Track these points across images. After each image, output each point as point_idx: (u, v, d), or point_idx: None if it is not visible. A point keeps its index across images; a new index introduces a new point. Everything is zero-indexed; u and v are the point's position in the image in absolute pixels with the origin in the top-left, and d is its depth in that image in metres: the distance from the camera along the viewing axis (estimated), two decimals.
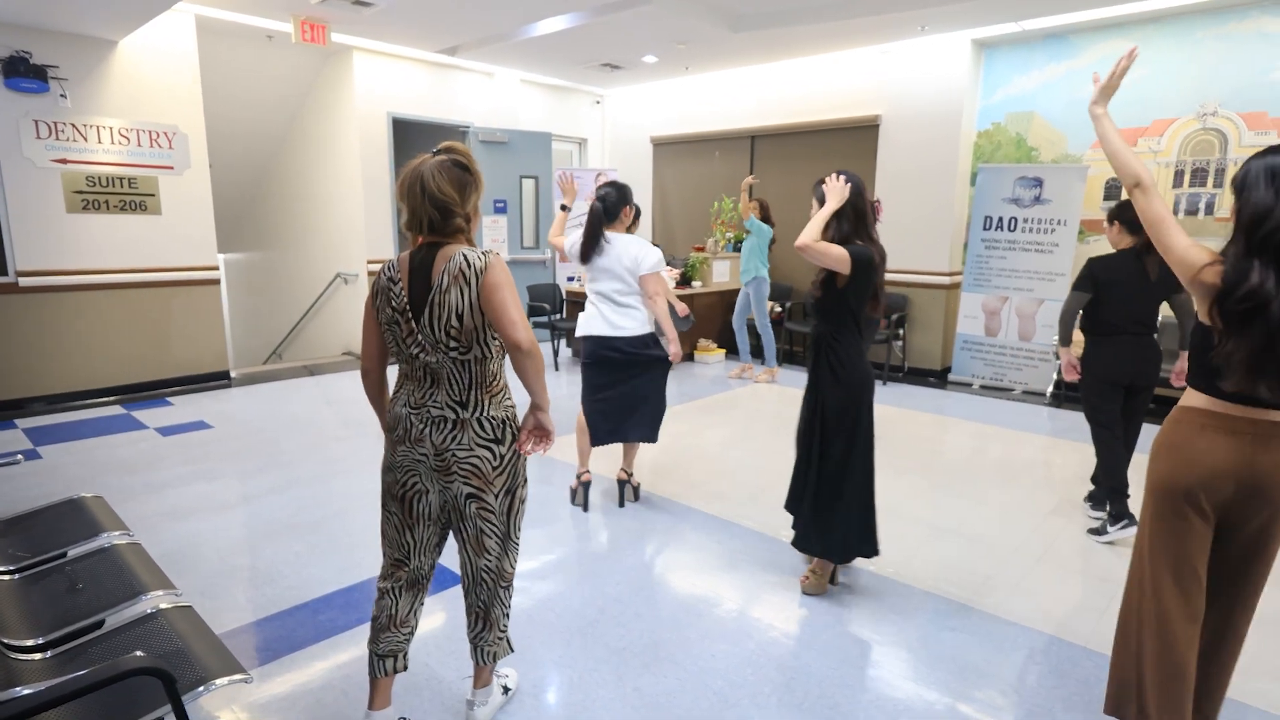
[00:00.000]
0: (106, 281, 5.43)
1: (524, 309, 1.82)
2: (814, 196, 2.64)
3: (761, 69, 7.53)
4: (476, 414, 1.77)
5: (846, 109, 6.93)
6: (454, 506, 1.83)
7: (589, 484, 3.58)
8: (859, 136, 6.92)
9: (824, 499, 2.69)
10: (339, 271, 7.38)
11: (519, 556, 2.00)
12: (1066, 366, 3.38)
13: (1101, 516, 3.42)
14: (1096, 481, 3.53)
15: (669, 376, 3.57)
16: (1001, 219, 6.16)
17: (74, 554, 2.24)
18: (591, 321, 3.41)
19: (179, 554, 3.02)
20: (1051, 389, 5.96)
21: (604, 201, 3.32)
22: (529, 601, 2.68)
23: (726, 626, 2.55)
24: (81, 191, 5.24)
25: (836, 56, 6.94)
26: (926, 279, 6.58)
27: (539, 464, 4.16)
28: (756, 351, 6.67)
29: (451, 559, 2.84)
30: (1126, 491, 3.26)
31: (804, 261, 2.77)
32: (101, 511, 2.50)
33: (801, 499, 2.77)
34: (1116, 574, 2.96)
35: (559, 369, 6.91)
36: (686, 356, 7.07)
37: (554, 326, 6.90)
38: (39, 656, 1.78)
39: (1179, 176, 5.50)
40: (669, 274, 6.55)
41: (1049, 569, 3.02)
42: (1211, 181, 5.38)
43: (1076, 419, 4.99)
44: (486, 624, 1.94)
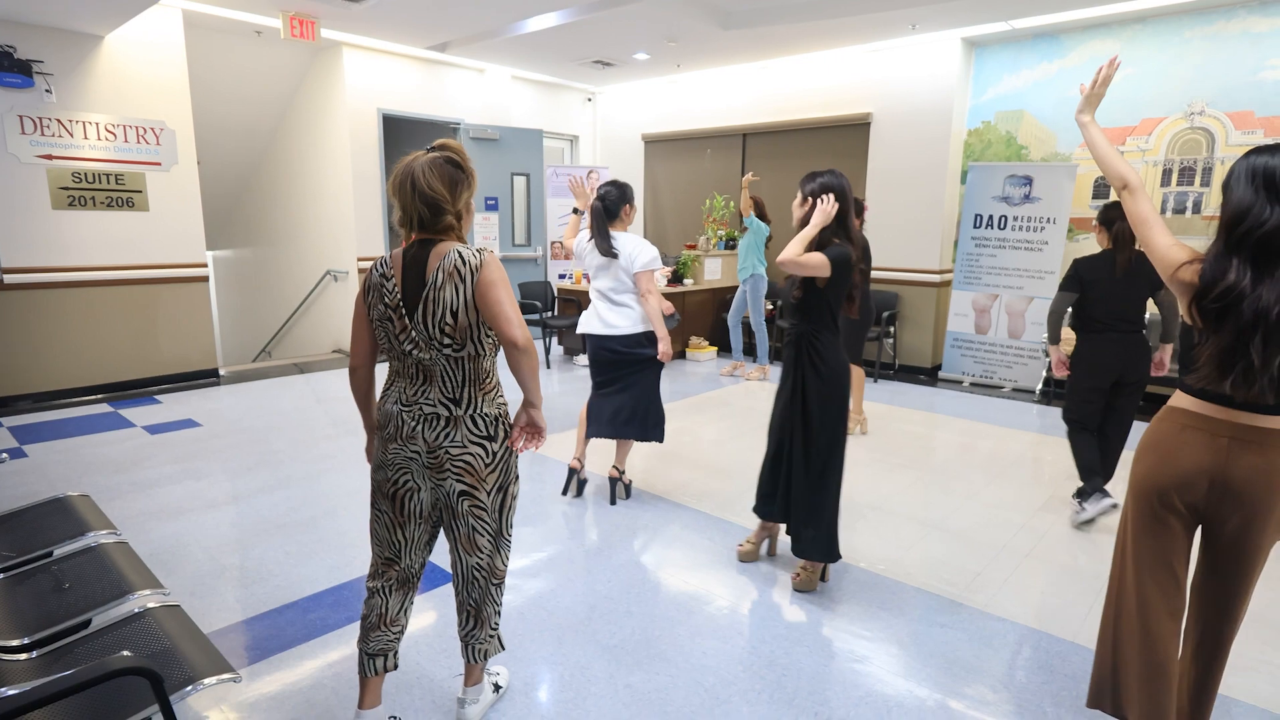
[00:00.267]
0: (93, 279, 5.38)
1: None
2: (802, 191, 2.65)
3: (753, 67, 7.53)
4: (469, 411, 1.77)
5: (838, 107, 6.95)
6: (446, 504, 1.82)
7: (574, 471, 3.63)
8: (850, 135, 6.93)
9: (815, 497, 2.71)
10: (329, 269, 7.34)
11: (510, 554, 2.00)
12: (1057, 364, 3.47)
13: (1092, 514, 3.46)
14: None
15: (661, 375, 3.59)
16: (991, 217, 6.19)
17: (60, 553, 2.22)
18: (589, 320, 3.47)
19: (167, 553, 3.00)
20: (1040, 386, 6.00)
21: (604, 200, 3.37)
22: (520, 599, 2.67)
23: (718, 623, 2.56)
24: (67, 188, 5.19)
25: (828, 55, 6.95)
26: (917, 277, 6.61)
27: (530, 461, 4.15)
28: (749, 349, 6.67)
29: (442, 557, 2.84)
30: (1098, 472, 3.40)
31: None
32: (88, 510, 2.48)
33: (774, 498, 2.79)
34: (1103, 570, 2.98)
35: (550, 366, 6.90)
36: (678, 354, 7.08)
37: (545, 324, 6.89)
38: (24, 657, 1.76)
39: (1166, 175, 5.54)
40: (661, 272, 6.55)
41: (1037, 565, 3.04)
42: (1199, 180, 5.43)
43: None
44: (478, 622, 1.94)
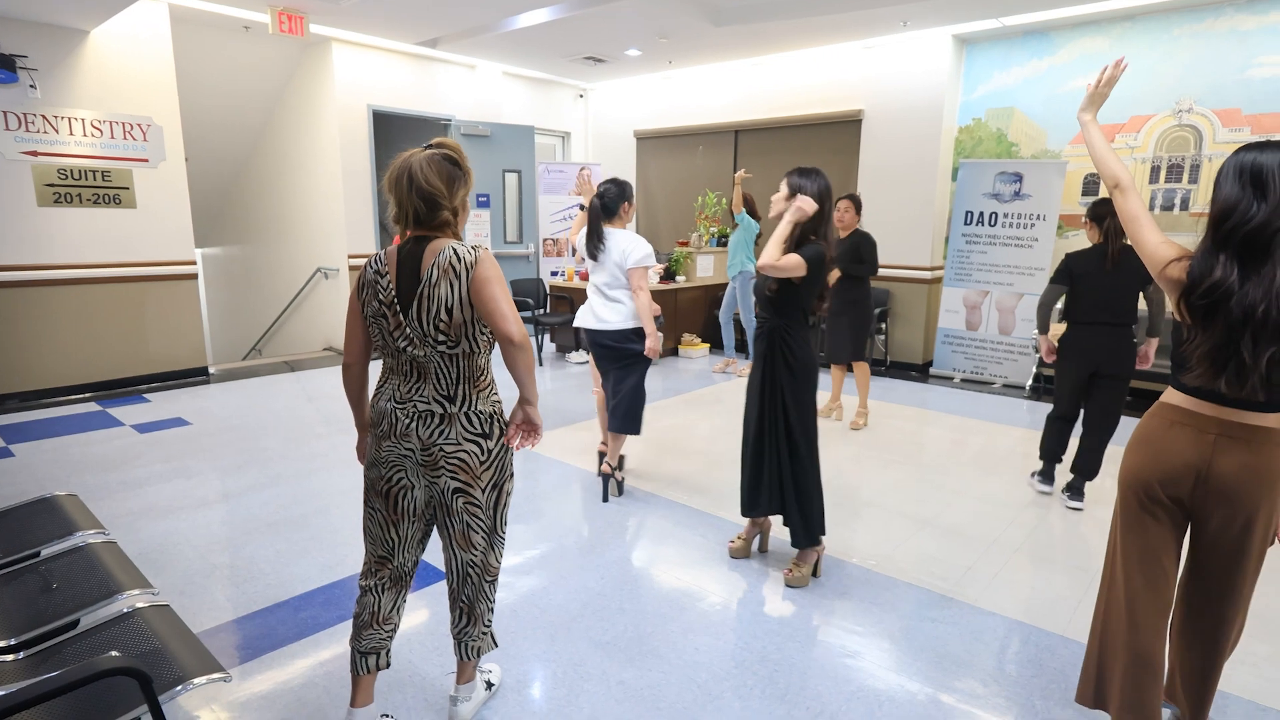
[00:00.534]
0: (80, 276, 5.34)
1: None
2: (789, 186, 2.66)
3: (745, 63, 7.53)
4: (464, 408, 1.77)
5: (830, 104, 6.96)
6: (440, 502, 1.82)
7: (603, 455, 3.66)
8: (842, 131, 6.95)
9: (802, 485, 2.76)
10: (319, 266, 7.30)
11: (504, 551, 2.00)
12: (1046, 351, 3.58)
13: (1080, 506, 3.57)
14: (1075, 471, 3.63)
15: (650, 371, 3.61)
16: (982, 214, 6.22)
17: (48, 553, 2.20)
18: (584, 314, 3.57)
19: (157, 552, 2.98)
20: (1031, 382, 6.03)
21: (603, 198, 3.44)
22: (513, 596, 2.67)
23: (710, 620, 2.56)
24: (53, 185, 5.14)
25: (819, 51, 6.96)
26: (908, 273, 6.63)
27: (523, 459, 4.14)
28: (741, 346, 6.68)
29: (434, 555, 2.84)
30: (1054, 459, 3.73)
31: None
32: (76, 510, 2.46)
33: (760, 492, 2.81)
34: (1092, 564, 3.01)
35: (543, 364, 6.88)
36: (670, 351, 7.08)
37: (538, 321, 6.88)
38: (12, 658, 1.75)
39: (1155, 172, 5.58)
40: (655, 270, 6.55)
41: (1027, 559, 3.06)
42: (1187, 177, 5.47)
43: None
44: (471, 619, 1.94)
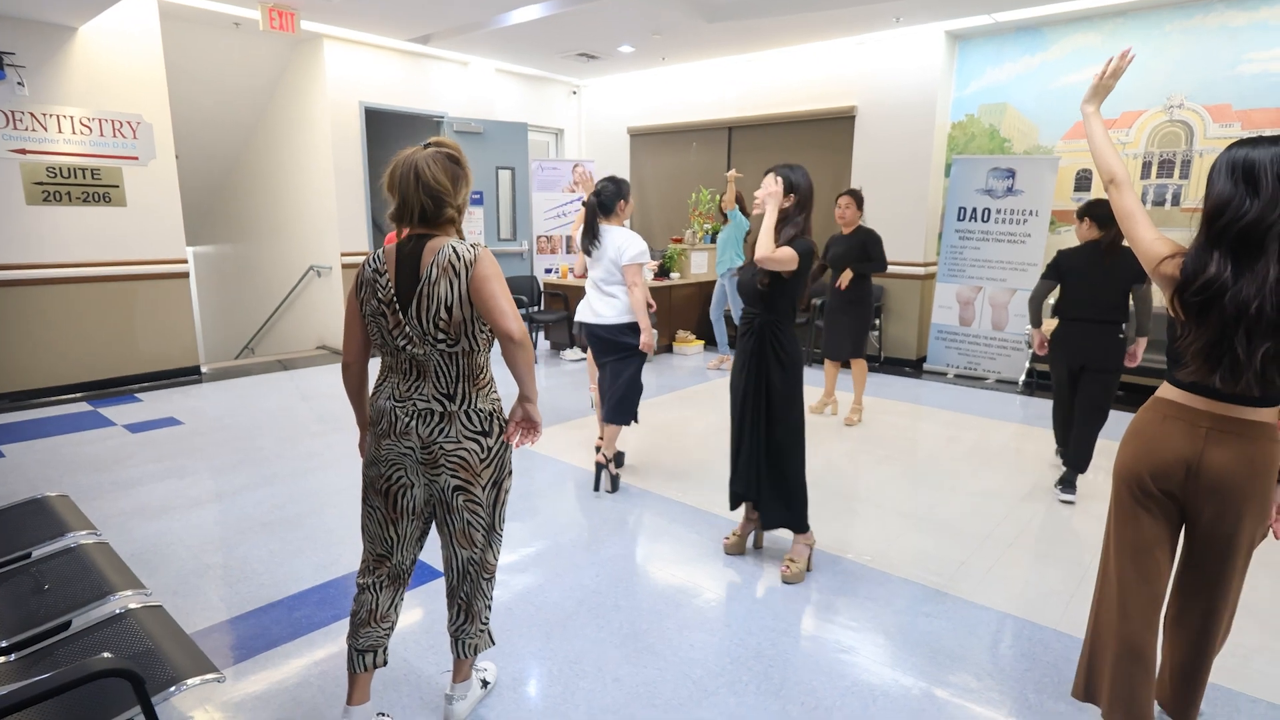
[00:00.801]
0: (70, 275, 5.30)
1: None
2: (777, 179, 2.65)
3: (738, 60, 7.53)
4: (464, 406, 1.77)
5: (823, 100, 6.96)
6: (440, 499, 1.82)
7: (600, 449, 3.75)
8: (835, 128, 6.95)
9: (788, 475, 2.78)
10: (312, 264, 7.26)
11: (501, 548, 2.00)
12: (1038, 344, 3.75)
13: (1071, 499, 3.62)
14: (1065, 464, 3.70)
15: (645, 368, 3.68)
16: (975, 210, 6.23)
17: (39, 554, 2.19)
18: (582, 308, 3.68)
19: (150, 553, 2.97)
20: (1024, 377, 6.05)
21: (600, 195, 3.53)
22: (507, 594, 2.67)
23: (705, 616, 2.57)
24: (42, 183, 5.09)
25: (812, 48, 6.95)
26: (902, 269, 6.64)
27: (518, 457, 4.13)
28: (734, 342, 6.68)
29: (430, 554, 2.83)
30: (1064, 442, 3.81)
31: None
32: (67, 510, 2.45)
33: (755, 482, 2.82)
34: (1086, 558, 3.02)
35: (537, 361, 6.88)
36: (665, 348, 7.08)
37: (532, 318, 6.87)
38: (3, 660, 1.74)
39: (1146, 168, 5.60)
40: (649, 266, 6.55)
41: (1021, 554, 3.07)
42: (1178, 173, 5.49)
43: (1047, 407, 5.06)
44: (469, 616, 1.94)
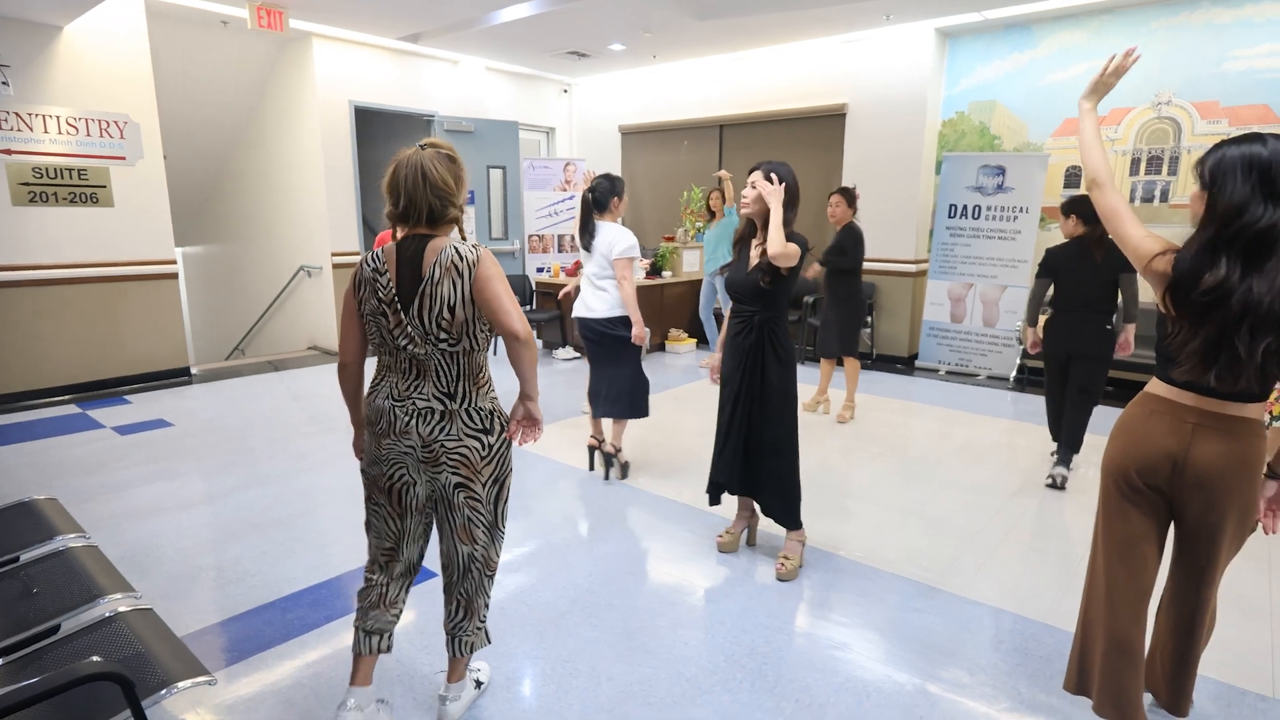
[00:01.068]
0: (58, 276, 5.25)
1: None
2: (766, 175, 2.64)
3: (729, 58, 7.52)
4: (465, 405, 1.79)
5: (814, 98, 6.97)
6: (442, 496, 1.84)
7: (593, 449, 3.89)
8: (826, 125, 6.96)
9: (785, 472, 2.80)
10: (302, 264, 7.23)
11: (502, 546, 2.02)
12: (1031, 342, 3.90)
13: (1065, 473, 3.79)
14: (1061, 442, 3.83)
15: (642, 360, 3.79)
16: (965, 207, 6.26)
17: (27, 558, 2.17)
18: (577, 304, 3.76)
19: (140, 555, 2.95)
20: (1015, 374, 6.09)
21: (594, 192, 3.59)
22: (501, 594, 2.66)
23: (699, 614, 2.57)
24: (28, 183, 5.05)
25: (803, 46, 6.96)
26: (893, 267, 6.66)
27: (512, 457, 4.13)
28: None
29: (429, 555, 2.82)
30: (1056, 436, 3.92)
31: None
32: (56, 514, 2.43)
33: (737, 474, 2.84)
34: (1076, 552, 3.04)
35: None
36: (658, 347, 7.08)
37: None
38: None
39: (1135, 164, 5.63)
40: (641, 264, 6.54)
41: (1012, 549, 3.09)
42: (1166, 169, 5.53)
43: (1038, 403, 5.09)
44: (468, 613, 1.95)
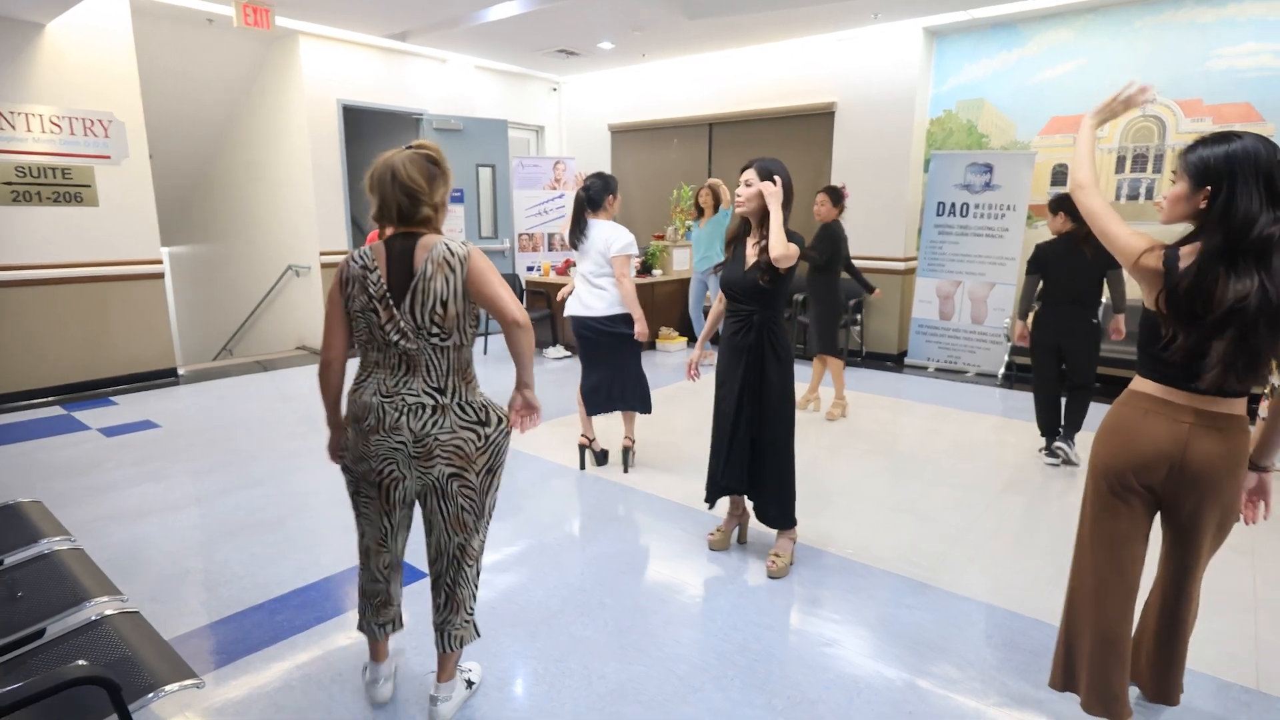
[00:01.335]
0: (42, 277, 5.19)
1: None
2: (761, 173, 2.64)
3: (719, 56, 7.53)
4: (456, 399, 1.82)
5: (803, 96, 6.99)
6: (434, 488, 1.85)
7: (585, 446, 3.91)
8: (815, 124, 6.98)
9: (784, 470, 2.80)
10: (291, 264, 7.18)
11: (486, 536, 2.04)
12: (1019, 334, 4.11)
13: (1056, 462, 4.05)
14: (1067, 427, 4.08)
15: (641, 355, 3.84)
16: (954, 204, 6.29)
17: (11, 562, 2.15)
18: (572, 302, 3.74)
19: (127, 558, 2.92)
20: (1003, 370, 6.13)
21: (589, 190, 3.60)
22: (492, 594, 2.66)
23: (690, 612, 2.57)
24: (11, 183, 4.99)
25: (792, 44, 6.98)
26: (883, 264, 6.69)
27: None
28: (716, 339, 6.70)
29: (413, 555, 2.81)
30: (1053, 432, 4.11)
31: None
32: (40, 517, 2.41)
33: (745, 477, 2.84)
34: (1063, 547, 3.05)
35: None
36: (648, 345, 7.08)
37: None
38: None
39: (1120, 162, 5.68)
40: (634, 260, 6.55)
41: (1001, 544, 3.11)
42: (1151, 167, 5.58)
43: (1026, 400, 5.13)
44: (453, 605, 1.96)
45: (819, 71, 6.85)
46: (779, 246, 2.52)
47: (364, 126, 7.66)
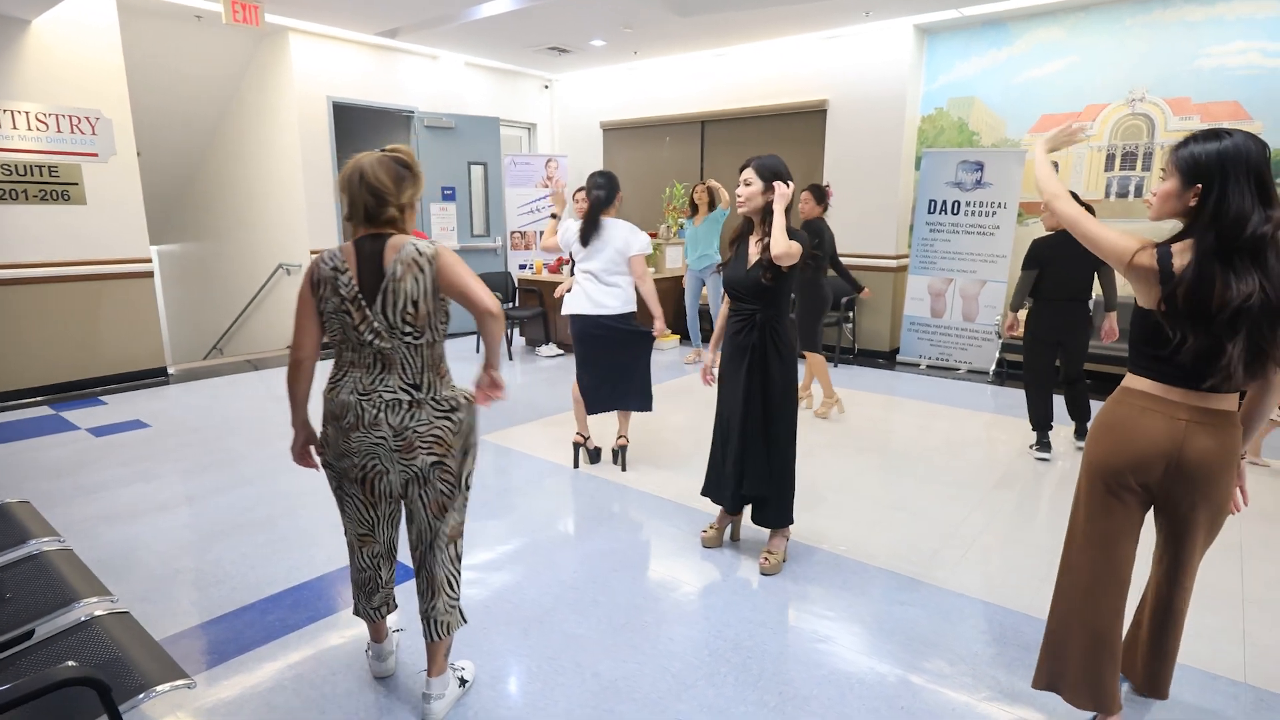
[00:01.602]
0: (29, 275, 5.14)
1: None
2: (756, 173, 2.65)
3: (710, 54, 7.53)
4: (431, 394, 1.85)
5: (795, 94, 6.99)
6: (417, 477, 1.88)
7: (579, 445, 3.90)
8: (807, 122, 6.99)
9: (785, 468, 2.81)
10: (281, 262, 7.14)
11: (467, 531, 2.10)
12: (1008, 324, 4.15)
13: (1047, 457, 4.08)
14: (1074, 418, 4.19)
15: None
16: (945, 202, 6.31)
17: (0, 563, 2.13)
18: (577, 301, 3.67)
19: (117, 559, 2.90)
20: (994, 367, 6.16)
21: (602, 190, 3.64)
22: (485, 592, 2.66)
23: (683, 609, 2.58)
24: None
25: (784, 42, 6.98)
26: (874, 262, 6.71)
27: (494, 454, 4.12)
28: (708, 336, 6.71)
29: (402, 555, 2.80)
30: (1047, 426, 4.12)
31: None
32: (29, 517, 2.38)
33: (742, 480, 2.83)
34: (1054, 543, 3.07)
35: (513, 358, 6.84)
36: None
37: (507, 315, 6.82)
38: None
39: (1110, 160, 5.72)
40: None
41: (993, 541, 3.13)
42: (1140, 165, 5.61)
43: (1017, 397, 5.16)
44: (435, 590, 1.97)
45: (810, 69, 6.85)
46: (780, 245, 2.54)
47: (355, 124, 7.63)
